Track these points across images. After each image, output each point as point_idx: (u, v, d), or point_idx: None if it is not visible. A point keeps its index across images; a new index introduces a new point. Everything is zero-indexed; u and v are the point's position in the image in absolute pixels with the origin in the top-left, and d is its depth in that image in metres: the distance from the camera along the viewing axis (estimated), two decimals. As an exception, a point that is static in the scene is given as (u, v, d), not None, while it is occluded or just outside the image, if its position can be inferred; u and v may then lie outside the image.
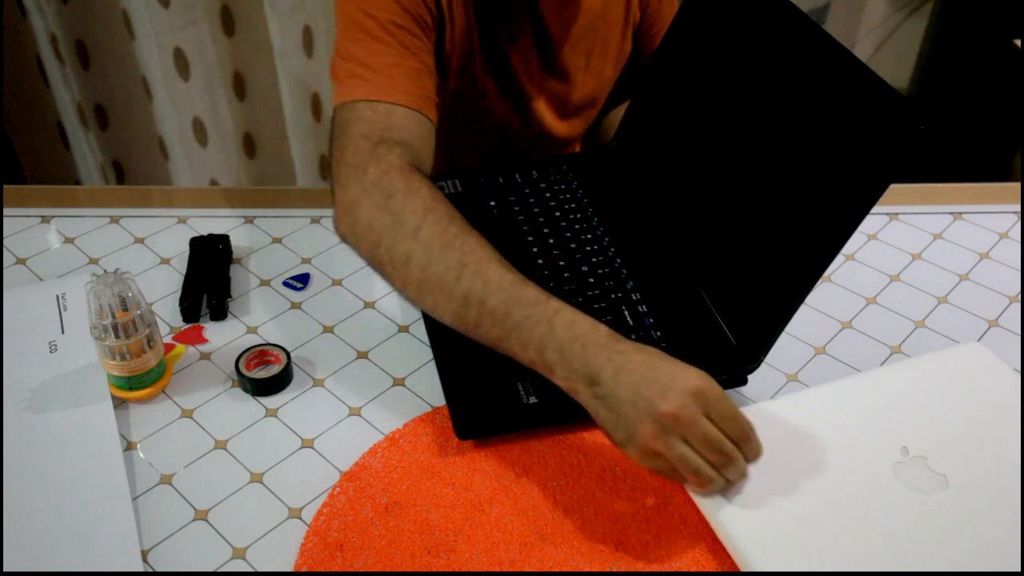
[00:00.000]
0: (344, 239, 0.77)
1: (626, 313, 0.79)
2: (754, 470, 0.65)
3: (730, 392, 0.75)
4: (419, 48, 0.84)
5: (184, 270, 0.86)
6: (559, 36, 0.97)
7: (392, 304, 0.84)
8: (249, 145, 1.75)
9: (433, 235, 0.70)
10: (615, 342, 0.64)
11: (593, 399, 0.63)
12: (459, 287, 0.68)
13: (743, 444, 0.62)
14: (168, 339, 0.80)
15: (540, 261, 0.85)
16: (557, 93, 1.02)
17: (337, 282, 0.87)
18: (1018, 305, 0.86)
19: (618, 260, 0.85)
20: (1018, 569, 0.60)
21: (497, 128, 1.03)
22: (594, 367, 0.63)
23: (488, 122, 1.02)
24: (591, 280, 0.82)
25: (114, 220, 0.94)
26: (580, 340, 0.64)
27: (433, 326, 0.79)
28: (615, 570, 0.62)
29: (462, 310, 0.68)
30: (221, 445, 0.71)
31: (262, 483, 0.68)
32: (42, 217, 0.94)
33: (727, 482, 0.63)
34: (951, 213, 0.98)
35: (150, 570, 0.62)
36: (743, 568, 0.60)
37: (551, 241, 0.87)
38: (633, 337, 0.76)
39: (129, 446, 0.70)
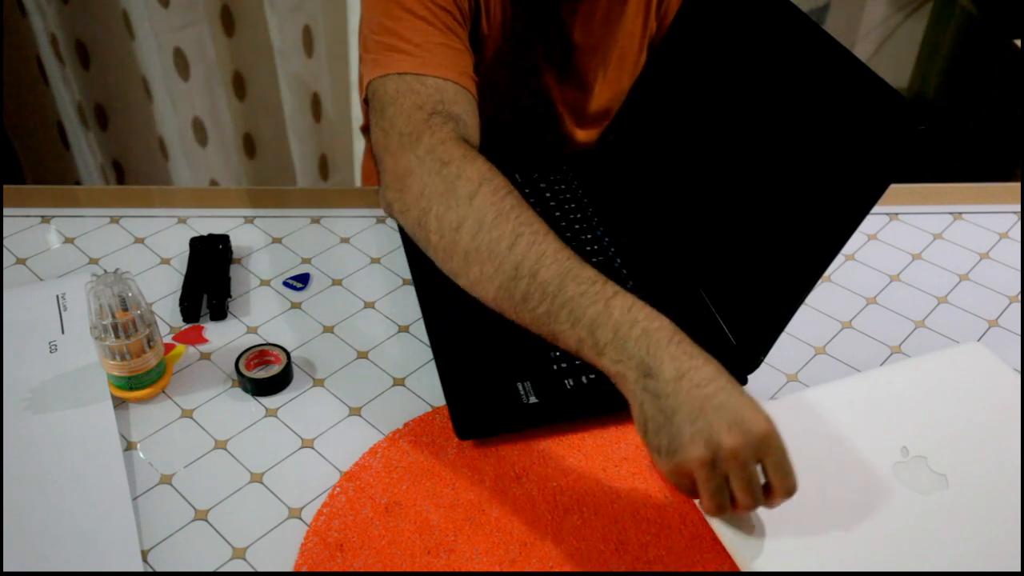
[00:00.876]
0: (390, 209, 0.74)
1: (626, 313, 0.79)
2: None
3: (730, 392, 0.75)
4: (460, 31, 0.83)
5: (184, 270, 0.86)
6: (580, 44, 0.97)
7: (392, 304, 0.84)
8: (249, 145, 1.75)
9: (487, 204, 0.67)
10: (681, 340, 0.60)
11: (643, 392, 0.59)
12: (511, 257, 0.65)
13: (777, 497, 0.59)
14: (168, 339, 0.80)
15: (540, 261, 0.85)
16: (575, 101, 1.03)
17: (337, 282, 0.87)
18: (1018, 305, 0.86)
19: (618, 260, 0.85)
20: (1018, 569, 0.60)
21: (517, 132, 1.03)
22: (655, 359, 0.59)
23: (508, 124, 1.03)
24: (591, 280, 0.82)
25: (114, 220, 0.94)
26: (641, 325, 0.60)
27: (433, 326, 0.79)
28: (615, 570, 0.62)
29: (511, 281, 0.65)
30: (221, 445, 0.71)
31: (262, 483, 0.68)
32: (42, 217, 0.94)
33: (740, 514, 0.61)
34: (951, 213, 0.98)
35: (150, 570, 0.62)
36: (743, 568, 0.61)
37: (551, 241, 0.87)
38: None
39: (129, 446, 0.70)
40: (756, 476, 0.58)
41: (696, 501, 0.64)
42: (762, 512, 0.62)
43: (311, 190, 1.00)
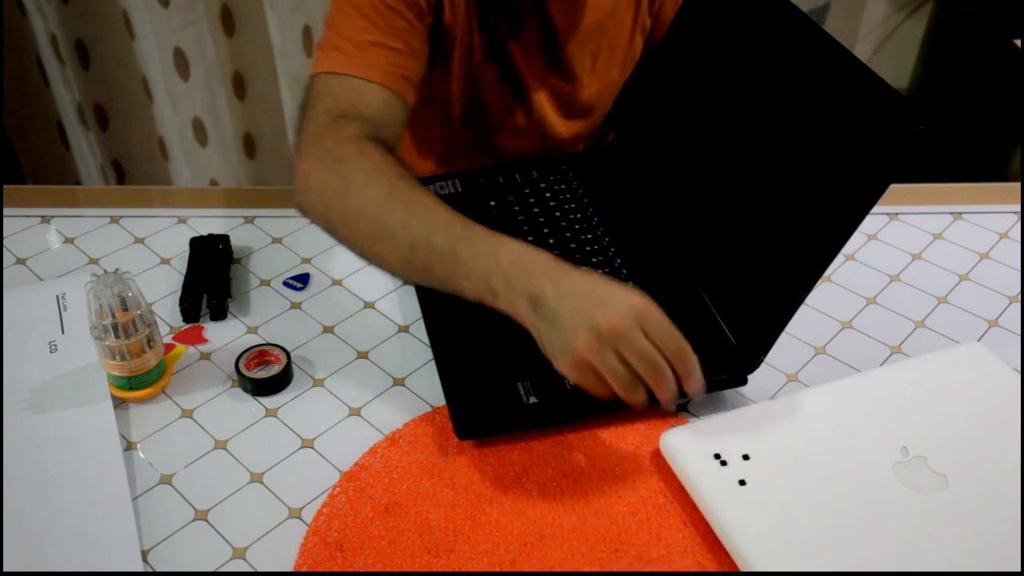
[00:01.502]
0: (300, 209, 0.79)
1: (626, 313, 0.79)
2: (755, 470, 0.65)
3: (729, 392, 0.75)
4: (406, 30, 0.86)
5: (184, 270, 0.86)
6: (565, 33, 0.97)
7: (392, 304, 0.84)
8: (249, 145, 1.75)
9: (380, 190, 0.73)
10: (559, 265, 0.66)
11: (535, 318, 0.65)
12: (407, 232, 0.71)
13: (678, 363, 0.64)
14: (168, 339, 0.80)
15: (540, 261, 0.85)
16: (562, 92, 1.02)
17: (337, 282, 0.87)
18: (1018, 305, 0.86)
19: (618, 260, 0.85)
20: (1018, 569, 0.60)
21: (499, 124, 1.03)
22: (537, 288, 0.65)
23: (489, 117, 1.02)
24: (591, 280, 0.82)
25: (114, 220, 0.94)
26: (525, 266, 0.66)
27: (433, 326, 0.79)
28: (615, 570, 0.62)
29: (410, 255, 0.71)
30: (221, 445, 0.71)
31: (262, 483, 0.68)
32: (42, 217, 0.94)
33: (666, 399, 0.65)
34: (951, 213, 0.98)
35: (150, 570, 0.62)
36: (743, 568, 0.61)
37: (551, 241, 0.87)
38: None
39: (129, 446, 0.70)
40: (647, 346, 0.63)
41: (693, 497, 0.64)
42: (762, 511, 0.62)
43: (311, 190, 0.99)
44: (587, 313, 0.63)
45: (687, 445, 0.67)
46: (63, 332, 0.79)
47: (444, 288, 0.70)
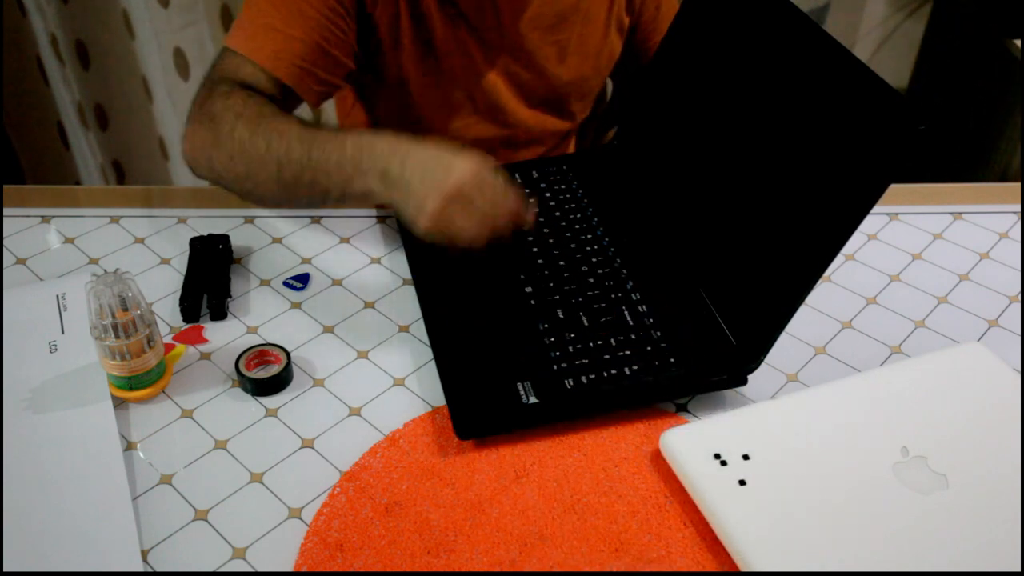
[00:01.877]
0: (191, 168, 0.86)
1: (626, 313, 0.79)
2: (755, 470, 0.65)
3: (729, 392, 0.75)
4: (312, 18, 0.88)
5: (184, 270, 0.86)
6: (510, 13, 0.97)
7: (392, 304, 0.84)
8: (249, 145, 1.75)
9: (245, 130, 0.81)
10: (400, 141, 0.75)
11: (387, 189, 0.75)
12: (270, 156, 0.79)
13: (513, 214, 0.77)
14: (168, 339, 0.80)
15: (540, 261, 0.85)
16: (521, 79, 1.02)
17: (337, 282, 0.87)
18: (1018, 305, 0.86)
19: (618, 260, 0.85)
20: (1018, 569, 0.60)
21: (459, 107, 1.03)
22: (383, 162, 0.75)
23: (449, 104, 1.02)
24: (591, 280, 0.82)
25: (114, 220, 0.94)
26: (367, 148, 0.76)
27: (433, 326, 0.79)
28: (615, 570, 0.62)
29: (277, 174, 0.79)
30: (221, 445, 0.71)
31: (262, 483, 0.68)
32: (42, 217, 0.94)
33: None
34: (951, 213, 0.98)
35: (150, 570, 0.62)
36: (743, 568, 0.61)
37: (551, 241, 0.87)
38: (633, 337, 0.76)
39: (129, 446, 0.70)
40: (484, 206, 0.74)
41: (693, 496, 0.64)
42: (762, 511, 0.62)
43: (311, 190, 0.99)
44: (433, 179, 0.73)
45: (687, 445, 0.67)
46: (63, 332, 0.79)
47: (315, 196, 0.80)
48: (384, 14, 0.93)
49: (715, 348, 0.75)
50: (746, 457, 0.66)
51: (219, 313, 0.82)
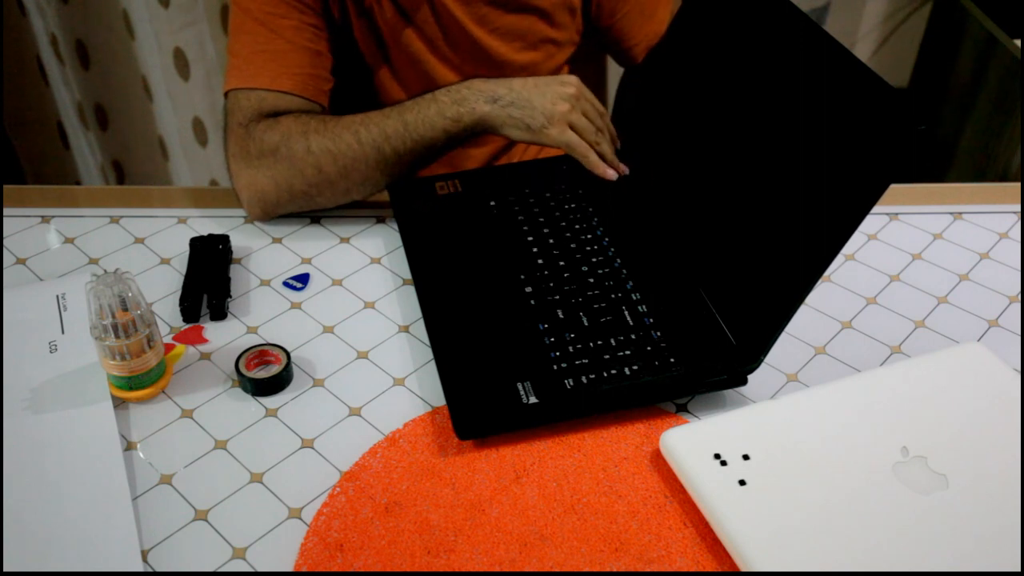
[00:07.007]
0: (259, 213, 0.89)
1: (626, 313, 0.79)
2: (755, 470, 0.65)
3: (730, 392, 0.75)
4: (289, 27, 0.90)
5: (184, 270, 0.86)
6: (460, 16, 0.97)
7: (392, 304, 0.84)
8: (249, 145, 1.75)
9: (322, 139, 0.84)
10: (491, 79, 0.84)
11: (501, 110, 0.83)
12: (363, 147, 0.84)
13: (608, 120, 0.91)
14: (168, 339, 0.80)
15: (540, 261, 0.85)
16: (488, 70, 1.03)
17: (337, 282, 0.87)
18: (1018, 305, 0.86)
19: (618, 260, 0.85)
20: (1018, 569, 0.60)
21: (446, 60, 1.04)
22: (488, 91, 0.83)
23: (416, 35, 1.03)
24: (591, 280, 0.82)
25: (114, 220, 0.94)
26: (463, 89, 0.83)
27: (433, 326, 0.79)
28: (615, 570, 0.62)
29: (379, 156, 0.85)
30: (221, 445, 0.71)
31: (262, 483, 0.68)
32: (42, 217, 0.94)
33: (607, 152, 0.90)
34: (951, 213, 0.98)
35: (150, 570, 0.62)
36: (743, 568, 0.61)
37: (551, 241, 0.87)
38: (633, 337, 0.76)
39: (129, 446, 0.70)
40: (598, 103, 0.89)
41: (694, 496, 0.64)
42: (762, 511, 0.62)
43: (311, 190, 0.99)
44: (552, 89, 0.83)
45: (687, 445, 0.67)
46: (63, 332, 0.79)
47: (428, 153, 0.85)
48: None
49: (715, 348, 0.75)
50: (746, 457, 0.66)
51: (219, 313, 0.82)
